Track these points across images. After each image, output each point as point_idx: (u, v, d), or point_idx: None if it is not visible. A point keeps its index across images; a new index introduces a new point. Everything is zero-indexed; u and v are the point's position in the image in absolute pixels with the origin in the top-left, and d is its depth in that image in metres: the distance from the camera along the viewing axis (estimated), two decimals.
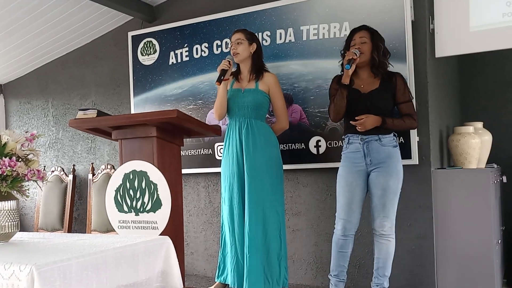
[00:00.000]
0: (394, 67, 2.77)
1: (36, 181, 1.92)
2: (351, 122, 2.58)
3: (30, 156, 1.95)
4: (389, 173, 2.56)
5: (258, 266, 2.74)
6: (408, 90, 2.66)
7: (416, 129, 2.88)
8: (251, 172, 2.76)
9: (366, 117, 2.52)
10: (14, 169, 1.83)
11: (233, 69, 2.93)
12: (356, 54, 2.57)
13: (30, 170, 1.88)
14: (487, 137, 3.34)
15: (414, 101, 2.88)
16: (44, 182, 1.96)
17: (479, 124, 3.38)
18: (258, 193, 2.75)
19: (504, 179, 3.53)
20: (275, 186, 2.81)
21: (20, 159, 1.89)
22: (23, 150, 1.92)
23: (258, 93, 2.84)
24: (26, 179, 1.88)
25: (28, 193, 1.96)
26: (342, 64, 2.64)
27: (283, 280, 2.83)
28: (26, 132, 1.97)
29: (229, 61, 2.81)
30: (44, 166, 4.34)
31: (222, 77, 2.77)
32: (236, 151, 2.81)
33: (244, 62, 2.90)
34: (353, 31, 2.71)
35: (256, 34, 3.35)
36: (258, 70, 2.88)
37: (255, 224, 2.74)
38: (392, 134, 2.62)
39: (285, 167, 3.21)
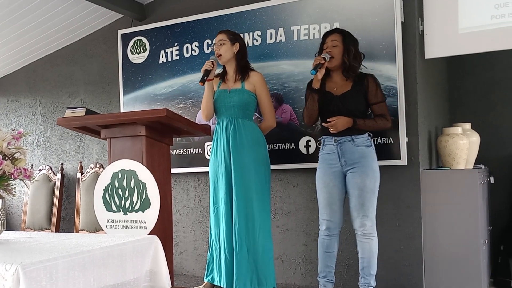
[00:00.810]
0: (367, 68, 2.82)
1: (22, 179, 1.90)
2: (323, 124, 2.66)
3: (17, 155, 1.93)
4: (364, 172, 2.60)
5: (248, 265, 2.75)
6: (380, 91, 2.70)
7: (404, 129, 2.90)
8: (238, 172, 2.77)
9: (337, 118, 2.58)
10: (0, 168, 1.80)
11: (219, 70, 2.94)
12: (325, 59, 2.63)
13: (17, 169, 1.86)
14: (475, 138, 3.38)
15: (403, 100, 2.91)
16: (31, 181, 1.94)
17: (467, 125, 3.42)
18: (246, 193, 2.76)
19: (492, 180, 3.57)
20: (262, 185, 2.82)
21: (6, 158, 1.87)
22: (10, 149, 1.90)
23: (244, 93, 2.85)
24: (12, 177, 1.86)
25: (15, 191, 1.94)
26: (313, 65, 2.68)
27: (273, 280, 2.84)
28: (13, 130, 1.94)
29: (212, 62, 2.82)
30: (32, 165, 4.29)
31: (206, 78, 2.78)
32: (223, 151, 2.82)
33: (228, 63, 2.91)
34: (326, 34, 2.76)
35: (247, 33, 3.36)
36: (243, 70, 2.89)
37: (244, 223, 2.75)
38: (366, 134, 2.66)
39: (275, 167, 3.21)
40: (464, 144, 3.12)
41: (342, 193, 2.69)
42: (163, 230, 2.51)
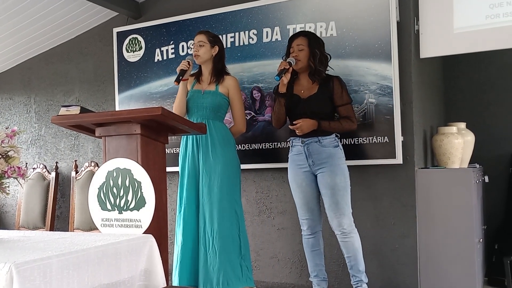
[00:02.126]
0: (334, 70, 2.85)
1: (16, 178, 1.88)
2: (289, 126, 2.71)
3: (10, 153, 1.91)
4: (333, 172, 2.64)
5: (216, 266, 2.73)
6: (346, 93, 2.74)
7: (400, 128, 2.91)
8: (207, 172, 2.79)
9: (302, 121, 2.63)
10: None
11: (195, 70, 2.96)
12: (290, 64, 2.67)
13: (10, 167, 1.84)
14: (470, 138, 3.40)
15: (398, 100, 2.91)
16: (25, 180, 1.93)
17: (462, 125, 3.43)
18: (216, 194, 2.77)
19: (486, 179, 3.59)
20: (232, 186, 2.82)
21: (0, 156, 1.86)
22: (4, 147, 1.89)
23: (217, 95, 2.87)
24: (6, 176, 1.84)
25: (9, 190, 1.92)
26: (278, 70, 2.70)
27: (246, 279, 2.81)
28: (6, 128, 1.93)
29: (188, 62, 2.85)
30: (26, 163, 4.27)
31: (181, 77, 2.81)
32: (192, 151, 2.85)
33: (205, 64, 2.92)
34: (292, 38, 2.80)
35: (243, 32, 3.36)
36: (218, 73, 2.90)
37: (212, 224, 2.76)
38: (333, 135, 2.71)
39: (271, 165, 3.22)
40: (459, 143, 3.14)
41: (316, 191, 2.74)
42: (158, 229, 2.50)
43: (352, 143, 3.00)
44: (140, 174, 2.32)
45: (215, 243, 2.74)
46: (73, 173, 3.98)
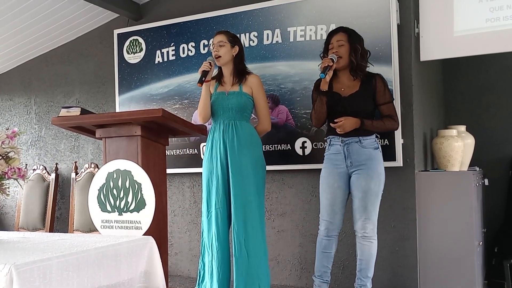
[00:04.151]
0: (374, 66, 2.78)
1: (16, 179, 1.88)
2: (330, 124, 2.62)
3: (11, 154, 1.91)
4: (370, 175, 2.57)
5: (248, 270, 2.68)
6: (388, 92, 2.67)
7: (400, 131, 2.91)
8: (236, 173, 2.71)
9: (344, 119, 2.54)
10: None
11: (215, 71, 2.88)
12: (333, 60, 2.58)
13: (11, 168, 1.84)
14: (470, 140, 3.39)
15: (398, 102, 2.92)
16: (25, 181, 1.93)
17: (462, 128, 3.43)
18: (245, 194, 2.70)
19: (486, 182, 3.59)
20: (260, 187, 2.77)
21: (0, 157, 1.85)
22: (4, 148, 1.89)
23: (242, 96, 2.78)
24: (6, 177, 1.84)
25: (9, 191, 1.92)
26: (321, 68, 2.63)
27: (269, 283, 2.78)
28: (7, 130, 1.93)
29: (210, 63, 2.75)
30: (26, 165, 4.26)
31: (204, 79, 2.72)
32: (219, 153, 2.75)
33: (226, 65, 2.82)
34: (331, 34, 2.71)
35: (244, 34, 3.36)
36: (240, 73, 2.82)
37: (243, 226, 2.68)
38: (373, 136, 2.63)
39: (271, 167, 3.21)
40: (459, 146, 3.14)
41: (345, 195, 2.66)
42: (158, 230, 2.50)
43: None
44: (140, 175, 2.32)
45: (247, 246, 2.67)
46: (73, 175, 3.98)
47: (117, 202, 2.38)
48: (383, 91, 2.64)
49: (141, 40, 3.78)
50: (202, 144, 3.50)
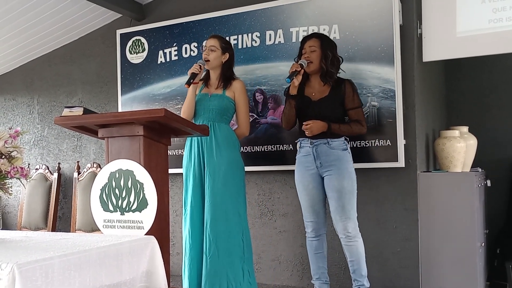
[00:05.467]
0: (346, 73, 2.83)
1: (19, 178, 1.88)
2: (300, 127, 2.70)
3: (13, 153, 1.92)
4: (341, 175, 2.63)
5: (218, 269, 2.72)
6: (357, 97, 2.73)
7: (402, 132, 2.91)
8: (212, 173, 2.78)
9: (312, 122, 2.62)
10: None
11: (204, 73, 2.95)
12: (302, 66, 2.66)
13: (13, 168, 1.85)
14: (472, 141, 3.39)
15: (400, 103, 2.91)
16: (27, 180, 1.93)
17: (465, 128, 3.43)
18: (220, 195, 2.75)
19: (488, 183, 3.58)
20: (237, 188, 2.81)
21: (3, 156, 1.86)
22: (7, 147, 1.89)
23: (224, 99, 2.87)
24: (9, 176, 1.85)
25: (11, 191, 1.92)
26: (289, 72, 2.70)
27: (247, 284, 2.79)
28: (10, 129, 1.93)
29: (200, 66, 2.84)
30: (29, 164, 4.28)
31: (192, 80, 2.81)
32: (197, 153, 2.83)
33: (214, 69, 2.92)
34: (304, 39, 2.78)
35: (246, 34, 3.36)
36: (226, 79, 2.90)
37: (215, 226, 2.74)
38: (342, 138, 2.69)
39: (273, 168, 3.22)
40: (461, 147, 3.13)
41: (322, 194, 2.72)
42: (160, 230, 2.50)
43: (354, 146, 3.00)
44: (143, 175, 2.32)
45: (218, 246, 2.73)
46: (75, 174, 3.99)
47: (119, 202, 2.38)
48: (351, 97, 2.70)
49: (143, 40, 3.78)
50: None
